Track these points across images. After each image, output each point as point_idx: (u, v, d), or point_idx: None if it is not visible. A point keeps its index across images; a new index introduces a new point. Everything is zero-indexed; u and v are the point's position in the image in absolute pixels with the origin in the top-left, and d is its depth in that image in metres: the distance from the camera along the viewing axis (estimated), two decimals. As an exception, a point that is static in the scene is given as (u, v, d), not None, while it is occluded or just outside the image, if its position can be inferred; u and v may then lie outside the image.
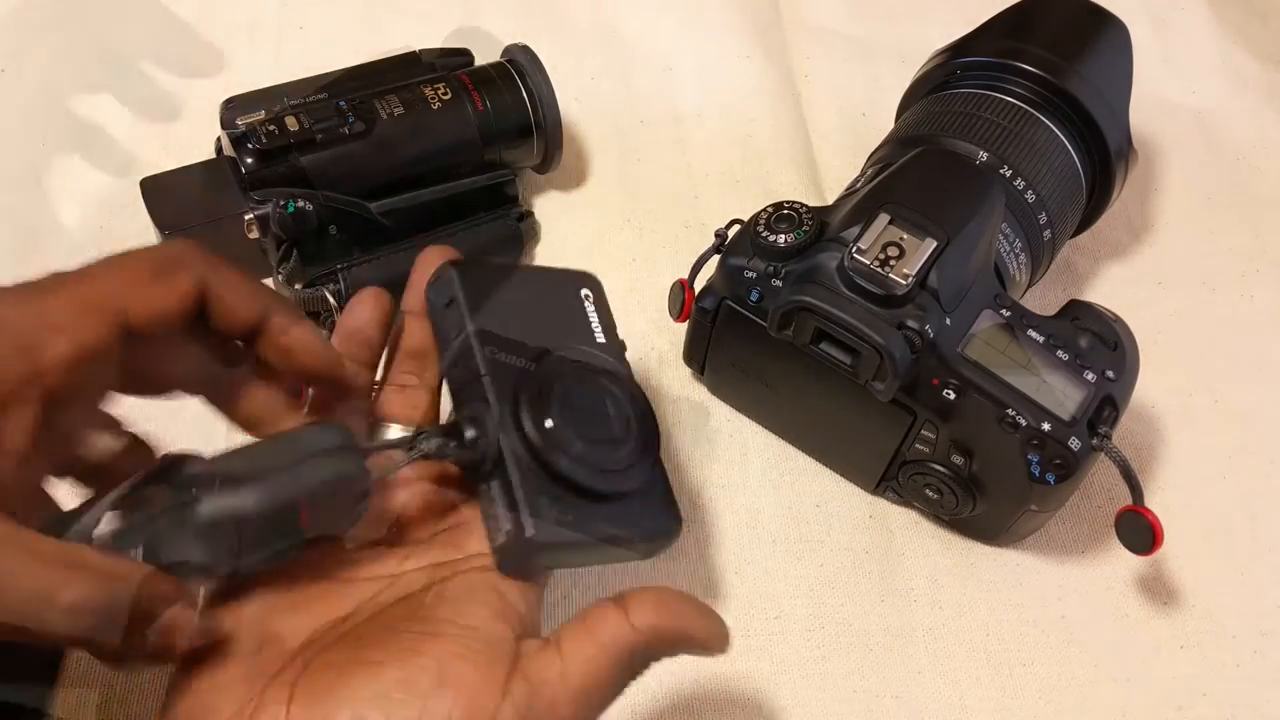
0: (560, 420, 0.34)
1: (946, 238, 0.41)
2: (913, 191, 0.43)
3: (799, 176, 0.61)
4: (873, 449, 0.46)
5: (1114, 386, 0.42)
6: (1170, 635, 0.47)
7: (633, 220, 0.58)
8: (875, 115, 0.62)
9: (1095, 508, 0.50)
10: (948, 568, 0.48)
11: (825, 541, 0.48)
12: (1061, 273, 0.59)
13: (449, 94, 0.53)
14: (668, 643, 0.32)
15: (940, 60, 0.54)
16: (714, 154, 0.62)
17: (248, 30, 0.64)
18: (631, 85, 0.65)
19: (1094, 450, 0.41)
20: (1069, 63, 0.50)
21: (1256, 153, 0.66)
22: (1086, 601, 0.48)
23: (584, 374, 0.37)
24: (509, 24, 0.57)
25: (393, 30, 0.62)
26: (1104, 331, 0.43)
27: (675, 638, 0.32)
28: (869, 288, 0.41)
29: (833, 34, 0.69)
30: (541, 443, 0.34)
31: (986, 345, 0.42)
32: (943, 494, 0.45)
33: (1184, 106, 0.67)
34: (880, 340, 0.40)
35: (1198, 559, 0.49)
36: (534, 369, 0.36)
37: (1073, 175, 0.51)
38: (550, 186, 0.60)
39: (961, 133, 0.49)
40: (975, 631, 0.47)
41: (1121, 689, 0.46)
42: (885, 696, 0.45)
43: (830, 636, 0.46)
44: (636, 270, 0.56)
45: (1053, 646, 0.46)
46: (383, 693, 0.28)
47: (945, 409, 0.42)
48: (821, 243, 0.43)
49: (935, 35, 0.56)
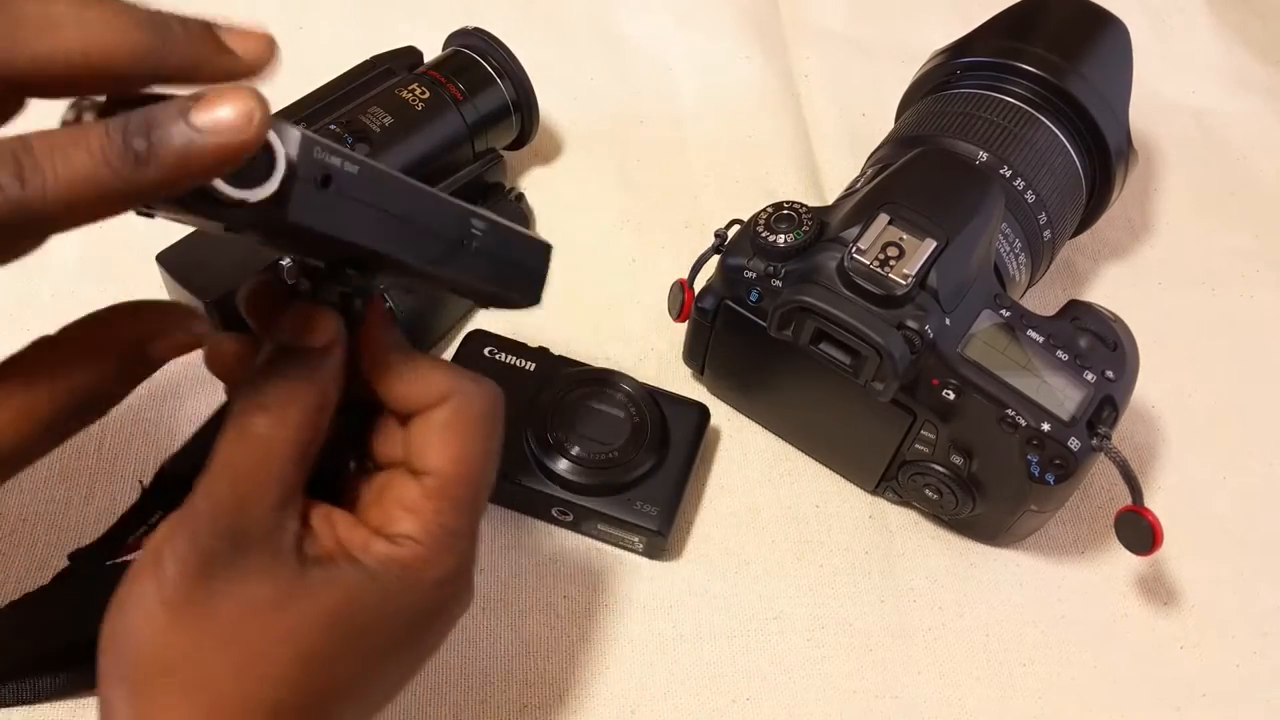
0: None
1: (946, 238, 0.41)
2: (912, 191, 0.43)
3: (799, 176, 0.61)
4: (872, 449, 0.46)
5: (1114, 387, 0.42)
6: (1170, 635, 0.47)
7: (633, 220, 0.58)
8: (875, 115, 0.62)
9: (1095, 508, 0.50)
10: (948, 568, 0.48)
11: (825, 541, 0.48)
12: (1061, 273, 0.59)
13: (427, 92, 0.52)
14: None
15: (940, 60, 0.54)
16: (714, 154, 0.62)
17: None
18: (631, 85, 0.65)
19: (1094, 450, 0.41)
20: (1069, 63, 0.50)
21: (1256, 153, 0.66)
22: (1086, 601, 0.48)
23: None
24: (509, 24, 0.57)
25: (392, 30, 0.62)
26: (1104, 332, 0.43)
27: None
28: (869, 288, 0.41)
29: (833, 34, 0.69)
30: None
31: (986, 345, 0.42)
32: (942, 494, 0.45)
33: (1184, 106, 0.67)
34: (880, 340, 0.40)
35: (1198, 559, 0.49)
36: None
37: (1072, 175, 0.51)
38: (550, 186, 0.60)
39: (961, 133, 0.49)
40: (975, 631, 0.47)
41: (1121, 689, 0.46)
42: (885, 697, 0.45)
43: (830, 636, 0.46)
44: (636, 270, 0.56)
45: (1053, 646, 0.46)
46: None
47: (945, 409, 0.42)
48: (821, 243, 0.43)
49: (935, 35, 0.56)
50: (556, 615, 0.45)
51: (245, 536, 0.27)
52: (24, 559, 0.44)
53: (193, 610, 0.27)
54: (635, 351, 0.53)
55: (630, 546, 0.47)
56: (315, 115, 0.51)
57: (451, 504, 0.30)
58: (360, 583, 0.29)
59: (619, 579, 0.47)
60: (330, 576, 0.29)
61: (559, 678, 0.44)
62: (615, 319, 0.54)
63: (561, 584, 0.46)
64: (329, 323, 0.29)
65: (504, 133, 0.56)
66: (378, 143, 0.50)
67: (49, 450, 0.27)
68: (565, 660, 0.44)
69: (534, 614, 0.45)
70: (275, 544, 0.28)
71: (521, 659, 0.44)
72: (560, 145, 0.61)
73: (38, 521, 0.45)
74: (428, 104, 0.52)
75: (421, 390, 0.30)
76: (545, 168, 0.61)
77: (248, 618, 0.27)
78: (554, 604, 0.46)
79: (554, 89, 0.60)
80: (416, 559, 0.30)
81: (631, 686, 0.44)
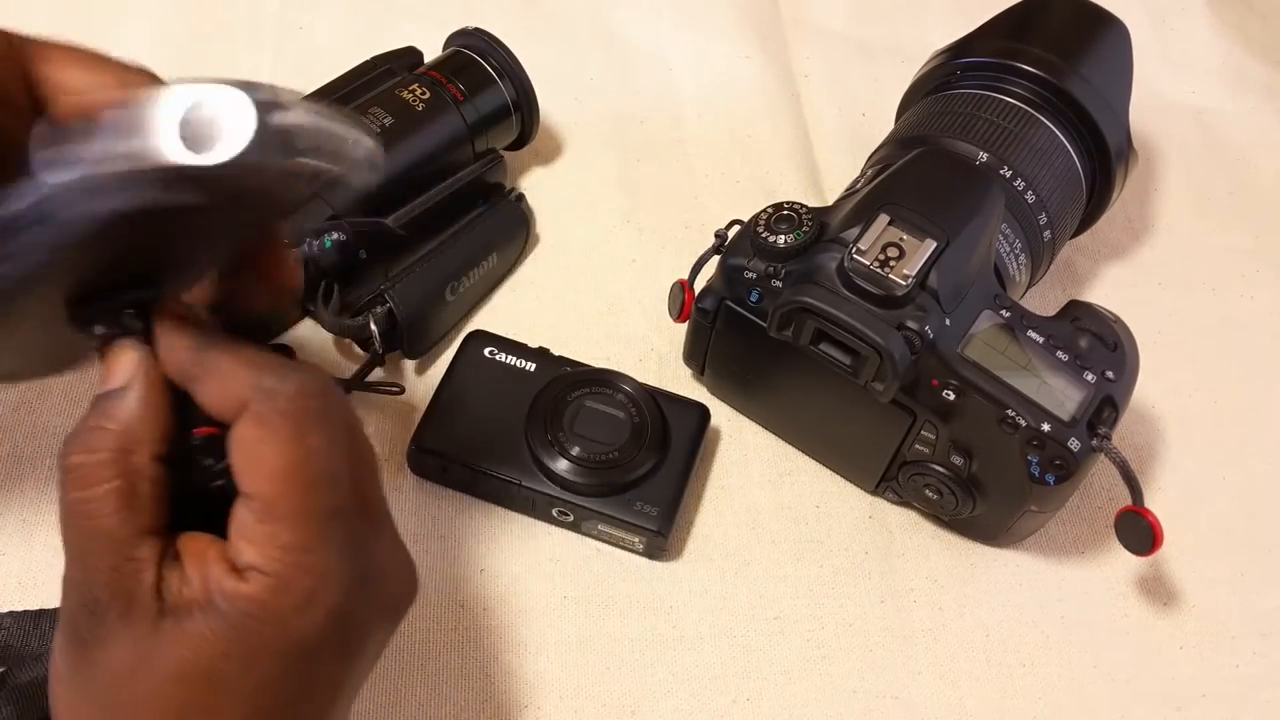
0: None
1: (946, 238, 0.41)
2: (913, 192, 0.43)
3: (799, 176, 0.61)
4: (873, 449, 0.46)
5: (1114, 387, 0.42)
6: (1170, 636, 0.47)
7: (633, 220, 0.58)
8: (875, 115, 0.62)
9: (1095, 508, 0.50)
10: (948, 568, 0.48)
11: (825, 541, 0.49)
12: (1061, 273, 0.59)
13: (427, 93, 0.52)
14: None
15: (940, 61, 0.54)
16: (714, 154, 0.62)
17: (247, 30, 0.64)
18: (631, 85, 0.65)
19: (1094, 451, 0.41)
20: (1069, 63, 0.50)
21: (1256, 153, 0.66)
22: (1086, 601, 0.48)
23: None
24: (509, 24, 0.57)
25: (392, 30, 0.62)
26: (1104, 332, 0.43)
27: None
28: (869, 288, 0.41)
29: (833, 34, 0.69)
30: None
31: (986, 346, 0.42)
32: (943, 494, 0.45)
33: (1184, 106, 0.67)
34: (880, 341, 0.40)
35: (1198, 559, 0.49)
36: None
37: (1073, 176, 0.51)
38: (550, 186, 0.60)
39: (961, 133, 0.49)
40: (975, 632, 0.47)
41: (1121, 689, 0.46)
42: (885, 697, 0.45)
43: (830, 637, 0.46)
44: (636, 270, 0.56)
45: (1053, 646, 0.46)
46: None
47: (945, 409, 0.42)
48: (821, 243, 0.43)
49: (935, 35, 0.56)
50: (556, 615, 0.45)
51: (96, 603, 0.26)
52: (24, 559, 0.44)
53: (76, 677, 0.27)
54: (635, 351, 0.53)
55: (630, 547, 0.47)
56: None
57: (286, 523, 0.26)
58: (212, 630, 0.26)
59: (619, 579, 0.47)
60: (182, 629, 0.26)
61: (559, 678, 0.44)
62: (615, 319, 0.54)
63: (561, 584, 0.46)
64: (118, 359, 0.27)
65: (504, 133, 0.56)
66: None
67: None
68: (565, 660, 0.44)
69: (534, 614, 0.45)
70: (125, 602, 0.26)
71: (521, 659, 0.44)
72: (560, 145, 0.61)
73: (38, 521, 0.45)
74: (428, 104, 0.52)
75: (221, 398, 0.27)
76: (545, 168, 0.61)
77: (116, 684, 0.26)
78: (554, 604, 0.46)
79: (554, 89, 0.60)
80: (265, 591, 0.26)
81: (631, 686, 0.44)
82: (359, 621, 0.29)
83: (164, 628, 0.26)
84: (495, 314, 0.54)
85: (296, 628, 0.27)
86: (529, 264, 0.56)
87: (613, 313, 0.55)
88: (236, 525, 0.27)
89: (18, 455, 0.47)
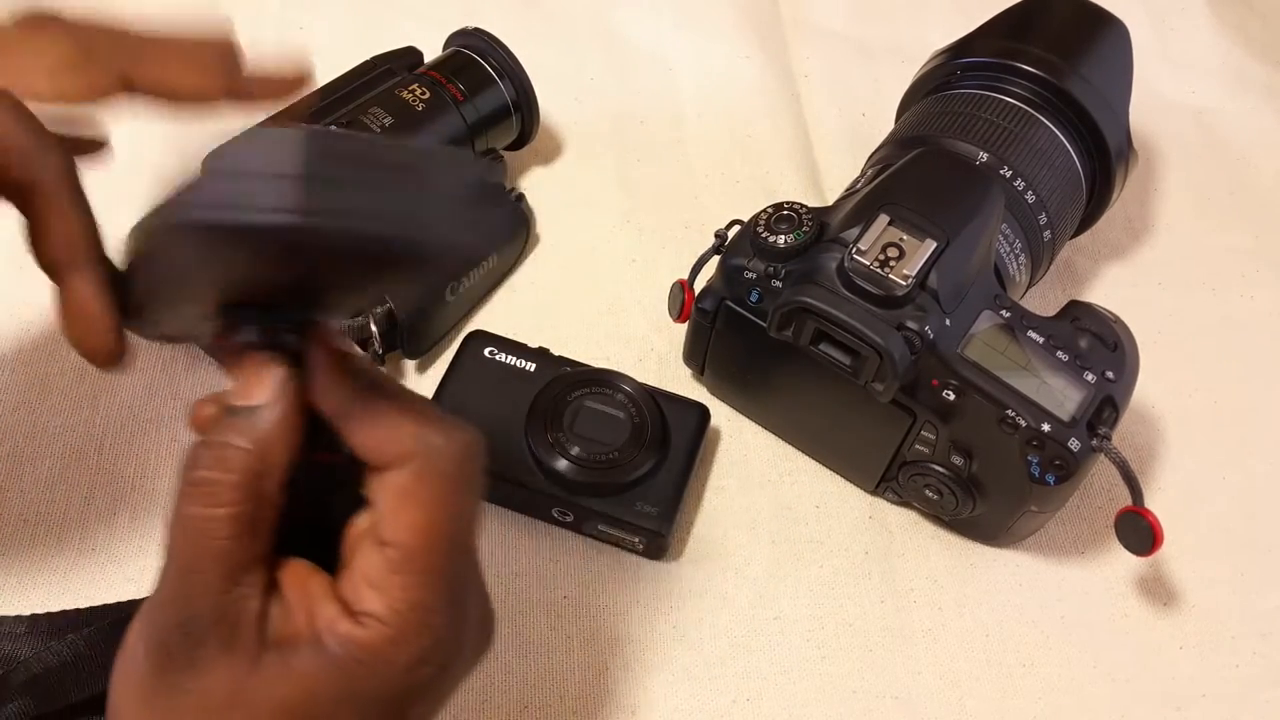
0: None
1: (946, 238, 0.41)
2: (913, 192, 0.43)
3: (799, 176, 0.61)
4: (872, 450, 0.46)
5: (1114, 387, 0.42)
6: (1170, 636, 0.47)
7: (633, 220, 0.58)
8: (875, 115, 0.62)
9: (1095, 508, 0.50)
10: (948, 568, 0.48)
11: (825, 541, 0.49)
12: (1061, 273, 0.59)
13: (427, 93, 0.52)
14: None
15: (940, 61, 0.54)
16: (714, 154, 0.62)
17: (247, 30, 0.64)
18: (631, 85, 0.65)
19: (1094, 451, 0.41)
20: (1069, 63, 0.50)
21: (1256, 153, 0.66)
22: (1086, 601, 0.48)
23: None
24: (509, 24, 0.57)
25: (392, 30, 0.62)
26: (1104, 332, 0.43)
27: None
28: (869, 288, 0.41)
29: (833, 34, 0.69)
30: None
31: (986, 346, 0.42)
32: (943, 494, 0.45)
33: (1184, 106, 0.67)
34: (880, 341, 0.40)
35: (1198, 559, 0.49)
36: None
37: (1073, 176, 0.51)
38: (550, 186, 0.60)
39: (961, 133, 0.49)
40: (975, 632, 0.47)
41: (1121, 689, 0.46)
42: (885, 697, 0.45)
43: (830, 637, 0.46)
44: (636, 270, 0.56)
45: (1053, 647, 0.46)
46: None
47: (945, 410, 0.42)
48: (821, 243, 0.43)
49: (935, 35, 0.56)
50: (556, 615, 0.45)
51: (195, 625, 0.26)
52: (24, 559, 0.44)
53: (159, 702, 0.26)
54: (635, 351, 0.53)
55: (630, 547, 0.47)
56: (316, 115, 0.51)
57: (420, 578, 0.26)
58: (319, 670, 0.26)
59: (619, 579, 0.47)
60: (287, 665, 0.26)
61: (559, 678, 0.44)
62: (615, 319, 0.55)
63: (561, 584, 0.46)
64: (262, 376, 0.27)
65: (504, 133, 0.56)
66: None
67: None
68: (565, 660, 0.44)
69: (534, 614, 0.45)
70: (228, 630, 0.26)
71: (521, 659, 0.44)
72: (560, 145, 0.61)
73: (38, 522, 0.45)
74: (428, 104, 0.52)
75: (380, 444, 0.27)
76: (545, 168, 0.61)
77: (207, 713, 0.26)
78: (554, 604, 0.46)
79: (554, 89, 0.60)
80: (383, 641, 0.26)
81: (631, 686, 0.44)
82: (454, 675, 0.29)
83: (267, 662, 0.26)
84: (495, 314, 0.54)
85: (402, 681, 0.27)
86: (529, 264, 0.56)
87: (613, 313, 0.55)
88: (362, 568, 0.27)
89: (18, 455, 0.47)
